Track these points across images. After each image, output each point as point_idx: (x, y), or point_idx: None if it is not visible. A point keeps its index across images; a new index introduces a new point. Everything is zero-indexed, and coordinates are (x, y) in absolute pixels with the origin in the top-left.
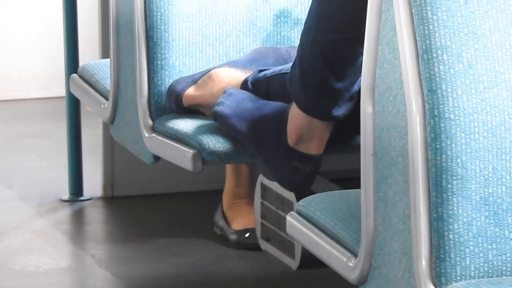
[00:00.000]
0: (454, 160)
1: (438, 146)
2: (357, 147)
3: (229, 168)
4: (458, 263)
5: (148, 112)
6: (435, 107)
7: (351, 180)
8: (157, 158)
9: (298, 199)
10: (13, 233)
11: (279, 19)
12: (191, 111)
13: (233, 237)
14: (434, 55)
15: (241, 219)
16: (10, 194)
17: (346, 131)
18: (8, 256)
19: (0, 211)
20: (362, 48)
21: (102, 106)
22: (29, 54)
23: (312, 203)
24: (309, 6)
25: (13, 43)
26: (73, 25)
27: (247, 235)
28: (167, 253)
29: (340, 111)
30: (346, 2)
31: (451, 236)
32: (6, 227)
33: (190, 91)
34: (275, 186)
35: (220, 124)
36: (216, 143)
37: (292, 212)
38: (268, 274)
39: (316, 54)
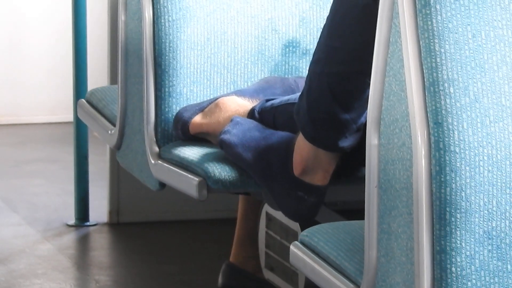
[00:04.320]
0: (458, 194)
1: (442, 179)
2: (362, 179)
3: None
4: None
5: (155, 139)
6: (441, 140)
7: (356, 212)
8: (163, 185)
9: (302, 229)
10: (18, 257)
11: (287, 49)
12: (198, 139)
13: None
14: (441, 88)
15: None
16: (16, 218)
17: (352, 163)
18: (13, 280)
19: (6, 235)
20: (370, 81)
21: (109, 132)
22: (38, 79)
23: (316, 233)
24: (318, 37)
25: (22, 67)
26: (82, 50)
27: None
28: (172, 281)
29: (346, 142)
30: (355, 34)
31: (453, 269)
32: (11, 251)
33: (197, 119)
34: (279, 215)
35: (226, 152)
36: (222, 171)
37: (296, 242)
38: None
39: (324, 86)
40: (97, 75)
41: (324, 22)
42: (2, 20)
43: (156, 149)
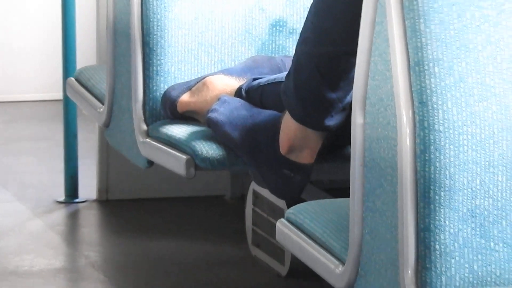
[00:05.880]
0: (442, 172)
1: (427, 158)
2: (348, 157)
3: None
4: (444, 273)
5: (143, 118)
6: (425, 119)
7: (341, 190)
8: (151, 163)
9: (288, 207)
10: (8, 233)
11: (274, 28)
12: (185, 117)
13: None
14: (426, 67)
15: None
16: (7, 195)
17: (338, 141)
18: (3, 256)
19: None
20: (356, 60)
21: (98, 110)
22: (27, 57)
23: (302, 211)
24: (305, 17)
25: (11, 46)
26: (71, 29)
27: None
28: (159, 257)
29: (332, 121)
30: (342, 14)
31: (437, 246)
32: (1, 228)
33: (185, 97)
34: (266, 193)
35: (214, 131)
36: (209, 149)
37: (282, 219)
38: (258, 281)
39: (312, 66)
40: (86, 54)
41: (312, 2)
42: None
43: (144, 127)
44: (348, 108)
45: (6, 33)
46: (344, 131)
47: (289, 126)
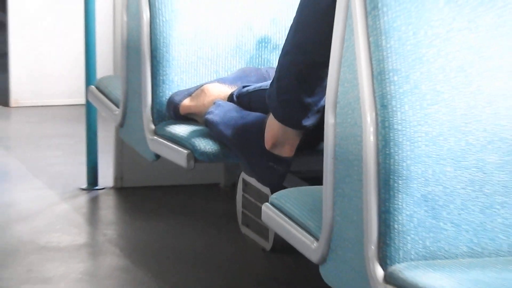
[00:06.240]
0: (400, 164)
1: (387, 152)
2: (321, 152)
3: None
4: (401, 248)
5: (151, 119)
6: (386, 119)
7: (316, 179)
8: (157, 157)
9: (272, 193)
10: (39, 215)
11: (260, 45)
12: (186, 118)
13: None
14: (386, 76)
15: None
16: (38, 183)
17: (313, 138)
18: (35, 234)
19: (29, 197)
20: (328, 70)
21: (114, 113)
22: (55, 69)
23: (284, 196)
24: (286, 35)
25: (44, 61)
26: (92, 45)
27: None
28: (165, 234)
29: (308, 121)
30: (317, 31)
31: (395, 226)
32: (34, 210)
33: (186, 102)
34: (254, 181)
35: (210, 129)
36: (206, 145)
37: (267, 203)
38: (246, 254)
39: (291, 75)
40: (104, 66)
41: (291, 22)
42: (32, 25)
43: (152, 126)
44: (321, 111)
45: (41, 50)
46: (318, 129)
47: (272, 126)
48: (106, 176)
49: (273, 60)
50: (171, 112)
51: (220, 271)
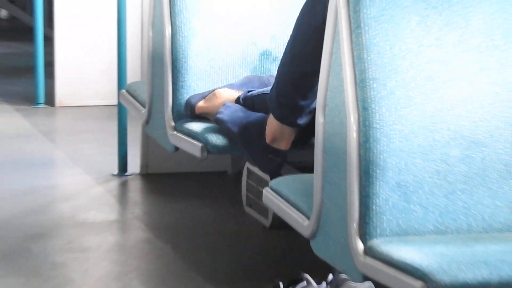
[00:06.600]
0: (378, 156)
1: (367, 147)
2: (313, 145)
3: None
4: (378, 226)
5: (172, 117)
6: (366, 120)
7: (308, 168)
8: (176, 148)
9: (271, 179)
10: (78, 196)
11: (262, 57)
12: (201, 117)
13: None
14: (367, 84)
15: None
16: (78, 170)
17: (306, 135)
18: (75, 211)
19: (70, 181)
20: (318, 78)
21: (141, 112)
22: (91, 75)
23: (281, 182)
24: (284, 49)
25: (83, 68)
26: (123, 56)
27: None
28: (182, 212)
29: (302, 120)
30: (309, 46)
31: (374, 207)
32: (74, 192)
33: (200, 104)
34: (256, 170)
35: (220, 127)
36: (217, 139)
37: (267, 187)
38: (250, 230)
39: (288, 82)
40: (133, 73)
41: (288, 39)
42: (73, 40)
43: (172, 124)
44: (313, 112)
45: (79, 60)
46: (310, 127)
47: (272, 124)
48: (134, 164)
49: (273, 69)
50: (188, 112)
51: (227, 243)
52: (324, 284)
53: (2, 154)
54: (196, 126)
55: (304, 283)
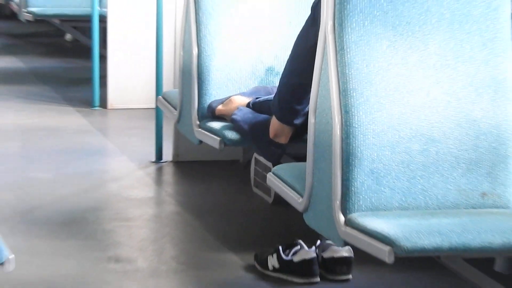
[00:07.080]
0: (356, 149)
1: (348, 141)
2: (305, 141)
3: None
4: (356, 203)
5: (197, 117)
6: (348, 121)
7: (302, 158)
8: (200, 142)
9: (273, 166)
10: (124, 178)
11: (268, 72)
12: (219, 118)
13: None
14: (349, 93)
15: None
16: (123, 157)
17: (301, 132)
18: (121, 189)
19: (118, 166)
20: (311, 88)
21: (173, 113)
22: (136, 85)
23: (281, 168)
24: (285, 65)
25: (128, 79)
26: (160, 69)
27: None
28: (204, 192)
29: (298, 121)
30: (304, 62)
31: (352, 189)
32: (120, 175)
33: (219, 107)
34: (262, 159)
35: (234, 125)
36: (232, 135)
37: (270, 173)
38: (256, 205)
39: (287, 91)
40: (168, 82)
41: (287, 57)
42: (121, 58)
43: (197, 122)
44: (306, 114)
45: (126, 72)
46: (304, 126)
47: (274, 123)
48: (168, 154)
49: (276, 81)
50: (209, 113)
51: (239, 215)
52: (313, 247)
53: (66, 145)
54: (216, 125)
55: (298, 247)
